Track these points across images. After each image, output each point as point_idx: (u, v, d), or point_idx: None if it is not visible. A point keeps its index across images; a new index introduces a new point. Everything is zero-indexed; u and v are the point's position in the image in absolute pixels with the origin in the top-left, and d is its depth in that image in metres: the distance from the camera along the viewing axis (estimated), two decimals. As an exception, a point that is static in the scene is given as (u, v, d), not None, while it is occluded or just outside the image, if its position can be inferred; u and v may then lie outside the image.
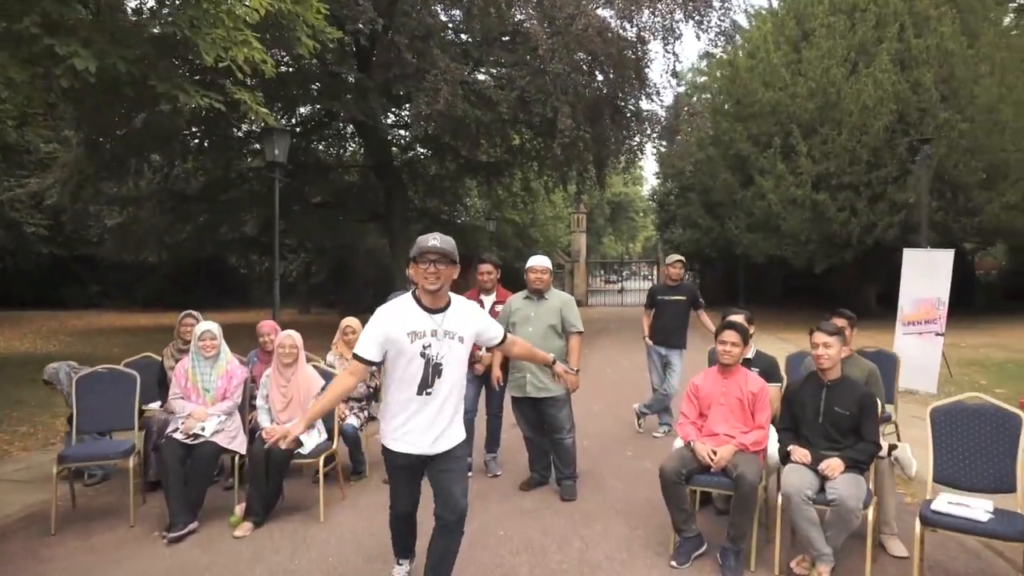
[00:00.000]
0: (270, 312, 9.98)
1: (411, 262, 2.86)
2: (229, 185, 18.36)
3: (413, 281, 2.96)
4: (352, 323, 5.26)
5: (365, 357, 2.88)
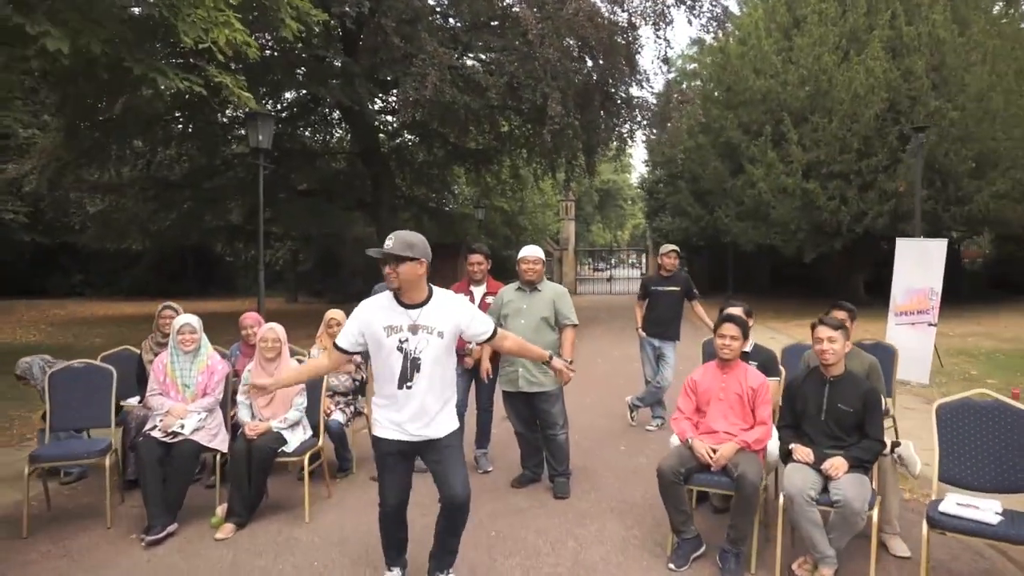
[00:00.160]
0: (257, 300, 9.80)
1: None
2: (214, 172, 18.09)
3: None
4: (336, 315, 5.08)
5: (340, 345, 3.04)
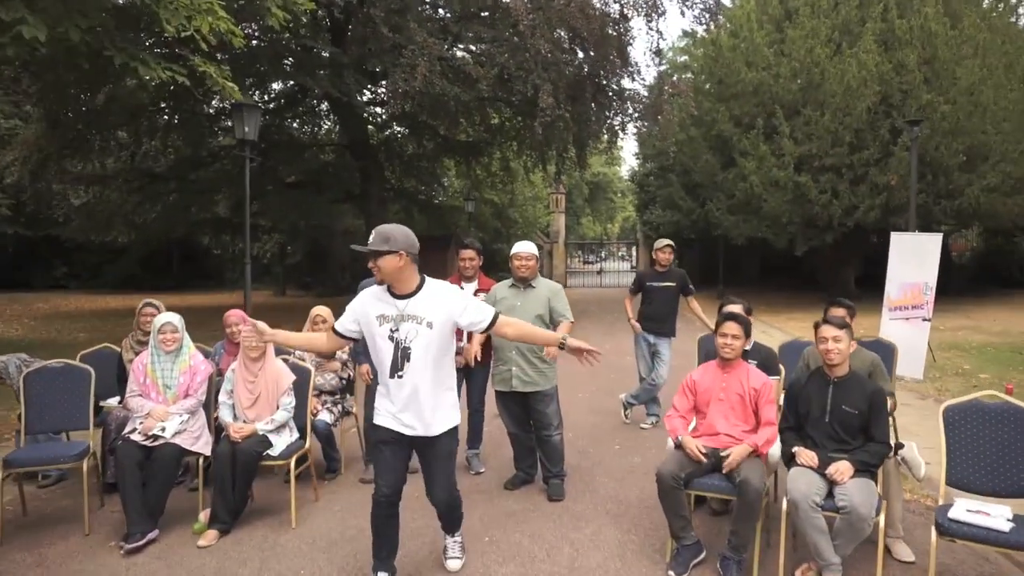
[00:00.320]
0: (244, 294, 9.60)
1: None
2: (199, 164, 17.83)
3: None
4: (322, 311, 4.92)
5: (337, 328, 3.12)
